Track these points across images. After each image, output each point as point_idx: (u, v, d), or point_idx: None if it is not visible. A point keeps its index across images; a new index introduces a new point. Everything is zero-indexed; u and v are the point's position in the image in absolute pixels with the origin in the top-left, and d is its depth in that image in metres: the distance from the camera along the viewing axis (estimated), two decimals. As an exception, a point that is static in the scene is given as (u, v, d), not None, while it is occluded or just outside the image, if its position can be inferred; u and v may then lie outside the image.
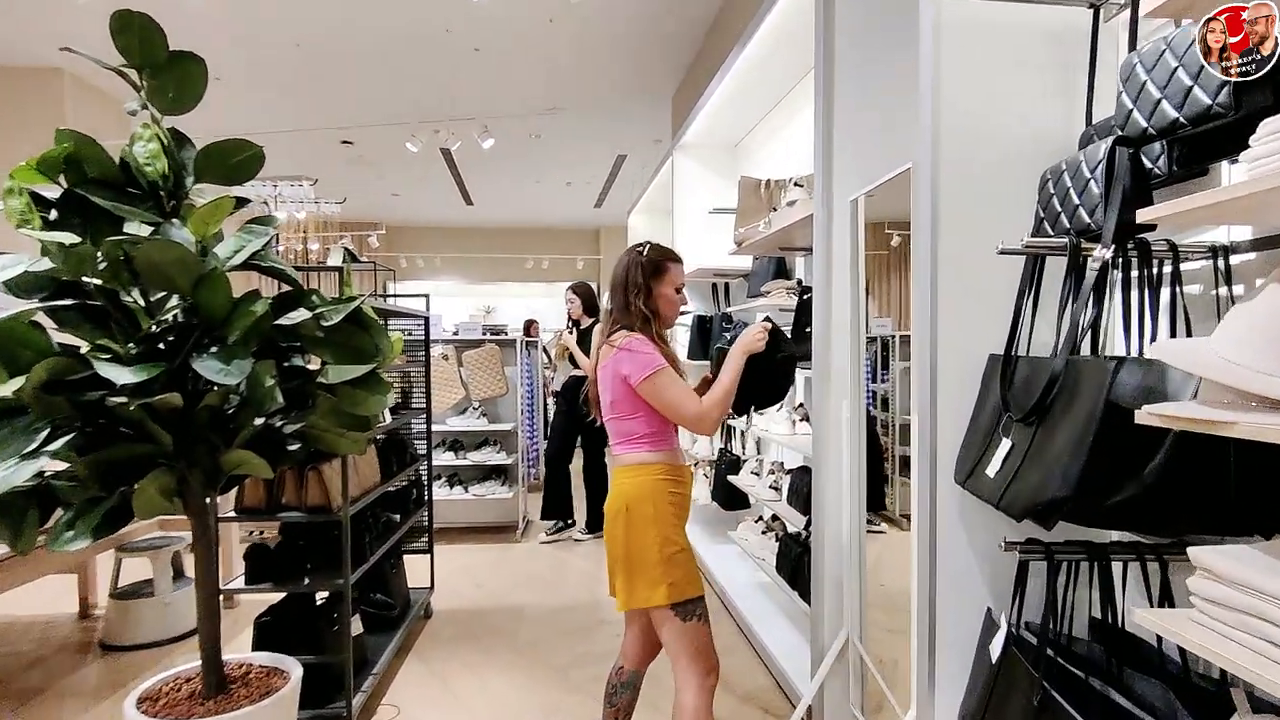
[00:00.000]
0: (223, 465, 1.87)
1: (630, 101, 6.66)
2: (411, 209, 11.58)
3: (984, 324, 1.64)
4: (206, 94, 1.96)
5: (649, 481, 1.87)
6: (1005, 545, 1.38)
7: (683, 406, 1.84)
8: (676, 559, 1.85)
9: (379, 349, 2.04)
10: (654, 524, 1.84)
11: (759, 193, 3.29)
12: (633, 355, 1.84)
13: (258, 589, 2.34)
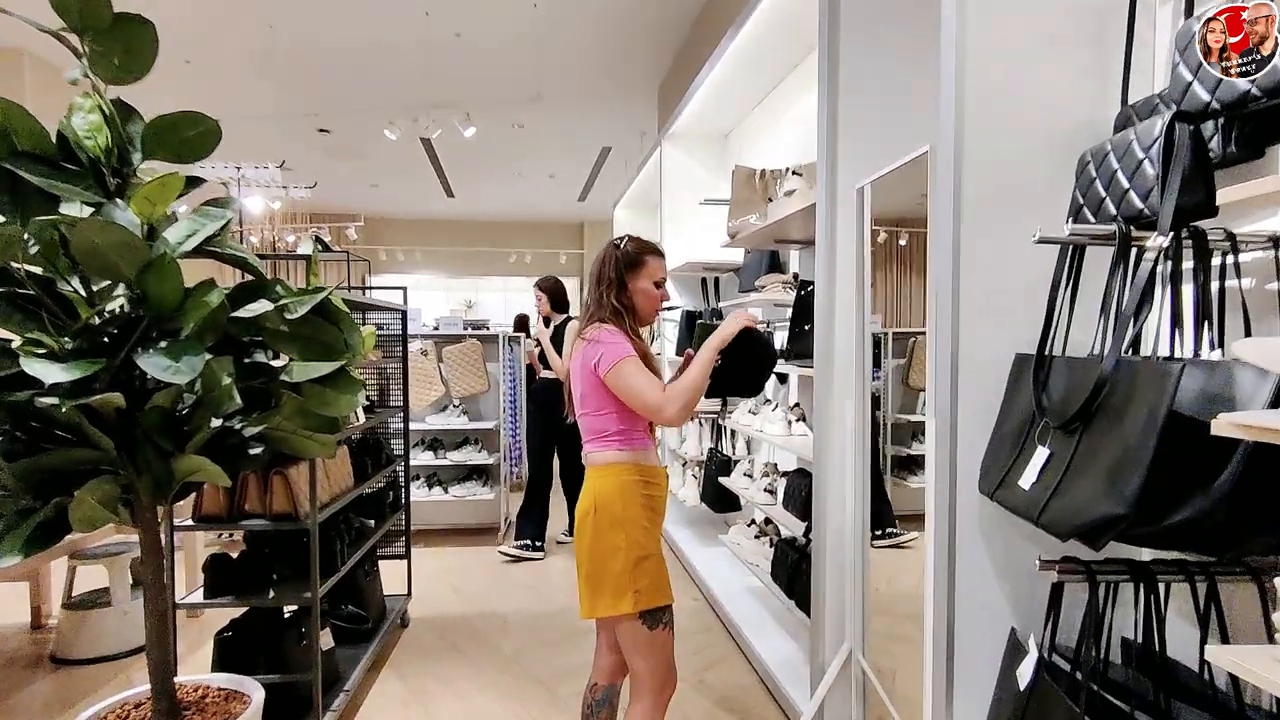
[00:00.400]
0: (175, 472, 1.70)
1: (615, 92, 6.50)
2: (391, 201, 11.34)
3: (1009, 320, 1.51)
4: (176, 78, 1.78)
5: (619, 482, 1.77)
6: (1040, 564, 1.25)
7: (643, 394, 1.73)
8: (645, 565, 1.75)
9: (349, 344, 1.88)
10: (623, 527, 1.75)
11: (754, 183, 3.15)
12: (600, 346, 1.76)
13: (218, 603, 2.17)
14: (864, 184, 2.09)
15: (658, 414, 1.74)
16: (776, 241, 3.22)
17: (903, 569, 3.75)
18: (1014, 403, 1.43)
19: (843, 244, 2.19)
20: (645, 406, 1.74)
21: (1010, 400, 1.44)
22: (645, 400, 1.73)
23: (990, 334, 1.51)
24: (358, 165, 9.08)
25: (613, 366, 1.73)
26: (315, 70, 5.94)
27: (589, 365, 1.77)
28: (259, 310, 1.71)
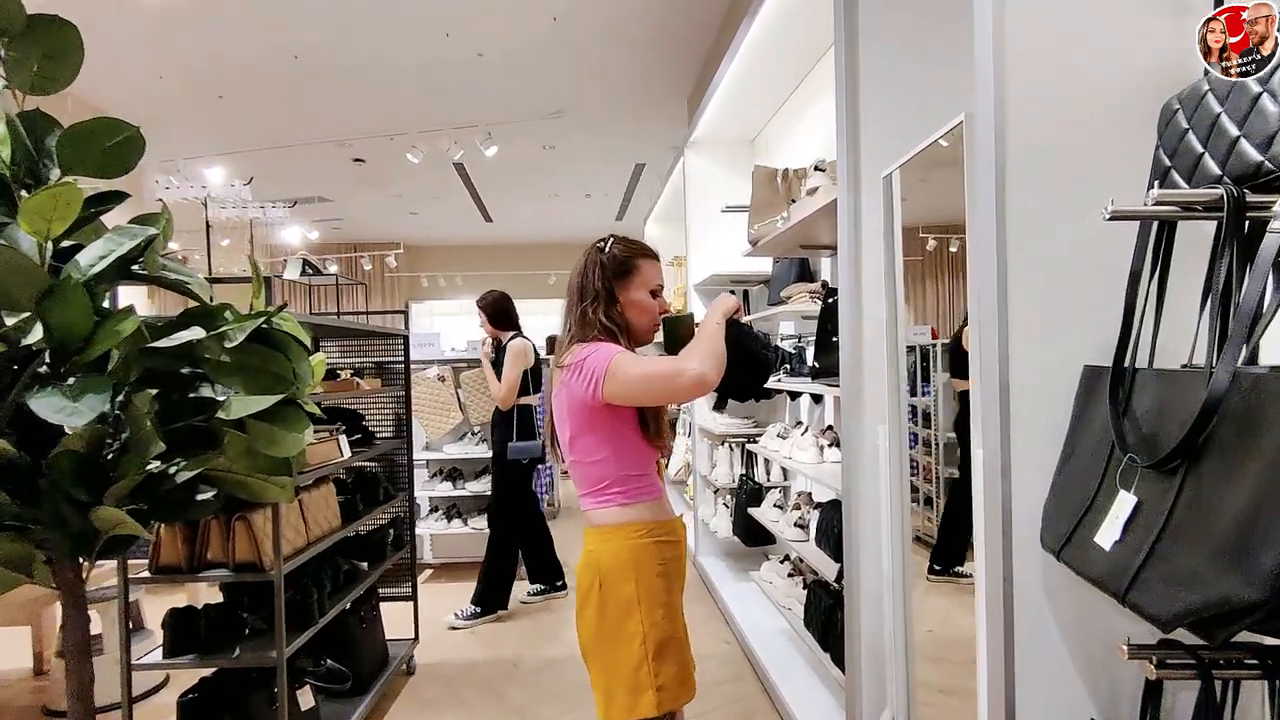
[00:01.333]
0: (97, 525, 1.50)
1: (644, 107, 6.30)
2: (430, 227, 11.38)
3: (1074, 324, 1.19)
4: (210, 113, 1.61)
5: (628, 546, 1.45)
6: (1129, 651, 0.92)
7: (656, 370, 1.39)
8: (668, 653, 1.42)
9: (297, 374, 1.66)
10: (637, 607, 1.42)
11: (775, 184, 2.86)
12: (583, 363, 1.43)
13: (178, 664, 1.96)
14: (891, 170, 1.79)
15: (681, 377, 1.37)
16: (803, 247, 2.92)
17: (960, 604, 3.35)
18: (1084, 431, 1.10)
19: (869, 241, 1.88)
20: (666, 381, 1.38)
21: (1080, 428, 1.12)
22: (662, 373, 1.38)
23: (1049, 342, 1.19)
24: (394, 193, 9.11)
25: (606, 375, 1.39)
26: (341, 98, 5.92)
27: (575, 397, 1.45)
28: (184, 338, 1.51)
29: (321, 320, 2.46)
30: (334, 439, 2.38)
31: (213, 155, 5.84)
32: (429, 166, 7.68)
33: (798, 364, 3.11)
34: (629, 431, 1.49)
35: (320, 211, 9.48)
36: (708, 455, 4.20)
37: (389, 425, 3.22)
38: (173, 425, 1.67)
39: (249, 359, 1.65)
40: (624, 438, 1.48)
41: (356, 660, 2.68)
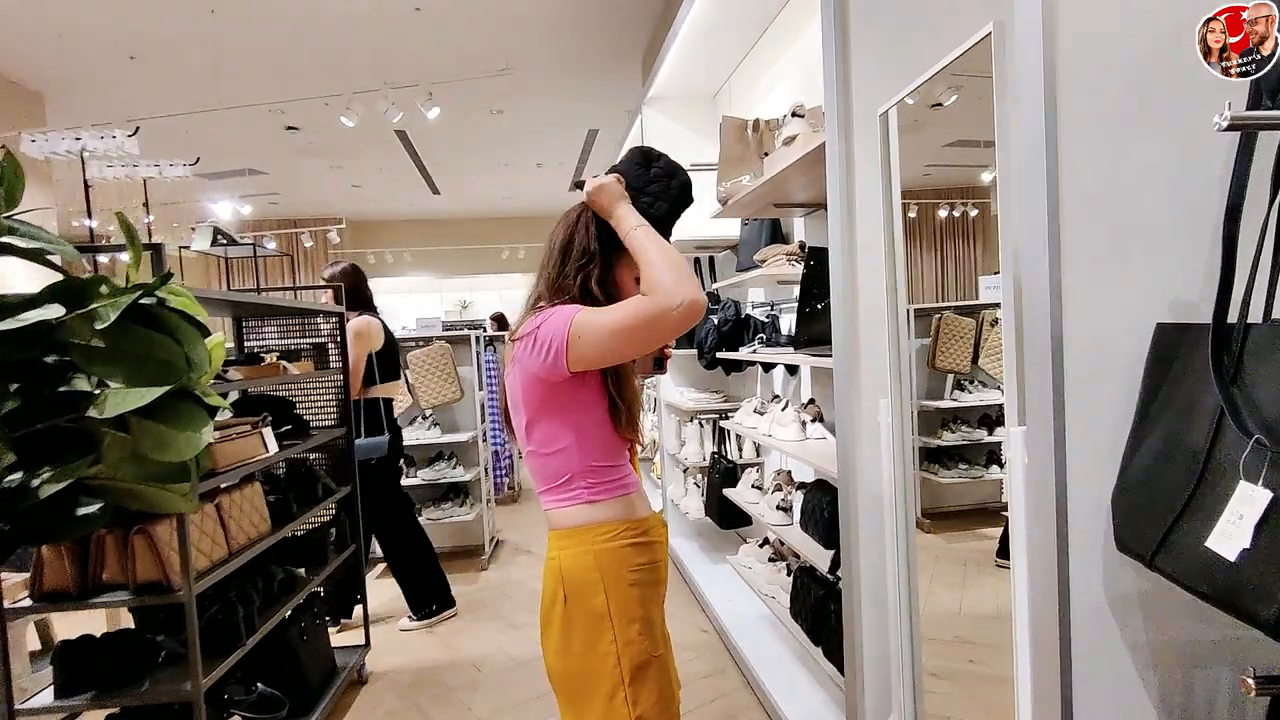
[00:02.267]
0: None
1: (596, 68, 5.96)
2: (375, 201, 10.85)
3: (1139, 273, 0.98)
4: (125, 76, 1.26)
5: (596, 552, 1.22)
6: (1255, 687, 0.72)
7: (634, 314, 1.13)
8: (648, 676, 1.20)
9: (191, 361, 1.36)
10: (609, 623, 1.19)
11: (746, 137, 2.61)
12: (536, 335, 1.18)
13: (73, 705, 1.67)
14: (888, 107, 1.55)
15: (670, 313, 1.10)
16: (777, 206, 2.68)
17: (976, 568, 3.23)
18: (1163, 405, 0.89)
19: (863, 192, 1.65)
20: (653, 324, 1.12)
21: (1154, 401, 0.91)
22: (644, 315, 1.12)
23: (1110, 296, 0.98)
24: (334, 165, 8.59)
25: (570, 339, 1.14)
26: (266, 57, 5.44)
27: (532, 372, 1.20)
28: (34, 319, 1.20)
29: (237, 297, 2.14)
30: (257, 433, 2.08)
31: (127, 122, 5.31)
32: (370, 136, 7.21)
33: (772, 333, 2.90)
34: (595, 416, 1.25)
35: (253, 185, 8.89)
36: (675, 432, 3.99)
37: (331, 413, 2.92)
38: (33, 427, 1.36)
39: (128, 344, 1.34)
40: (589, 423, 1.24)
41: (299, 676, 2.40)
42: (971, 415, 3.38)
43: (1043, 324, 0.99)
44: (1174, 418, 0.86)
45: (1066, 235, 0.97)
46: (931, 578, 3.23)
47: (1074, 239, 0.97)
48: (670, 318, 1.10)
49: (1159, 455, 0.87)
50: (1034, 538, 1.05)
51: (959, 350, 3.36)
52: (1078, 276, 0.98)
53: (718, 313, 3.25)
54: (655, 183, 1.29)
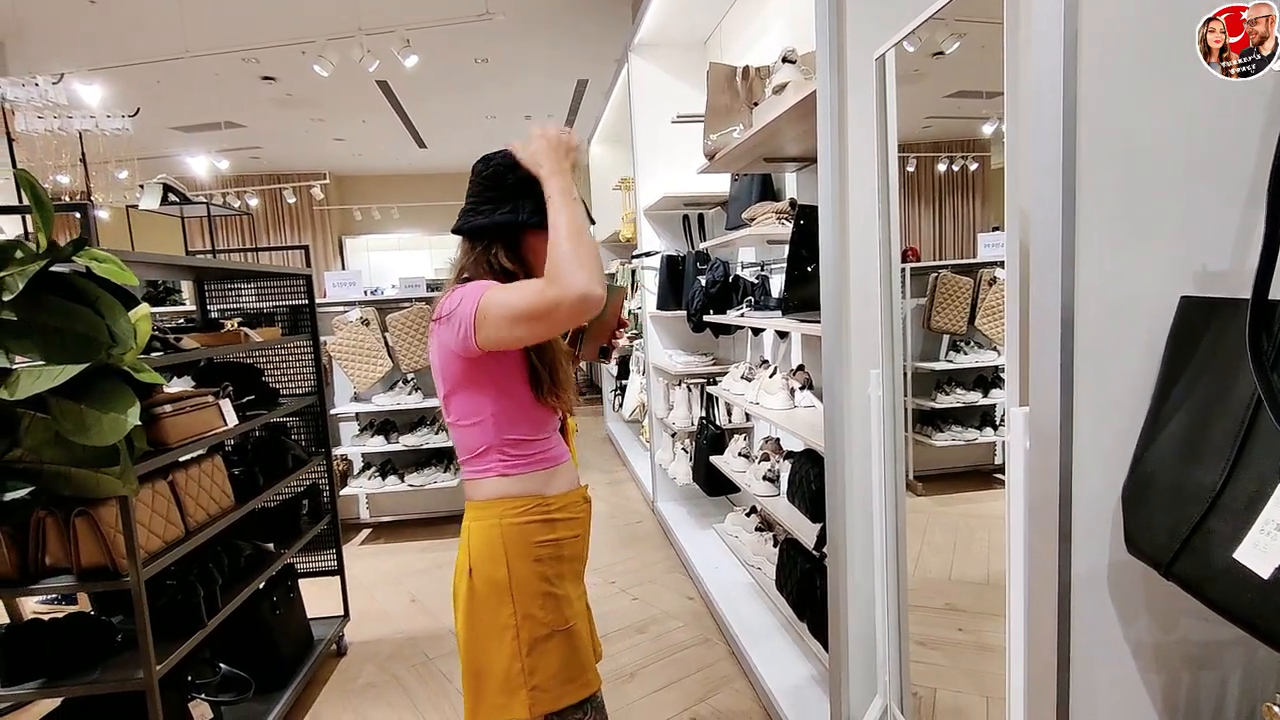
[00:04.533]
0: None
1: (583, 13, 5.68)
2: (359, 155, 10.55)
3: (1162, 240, 0.86)
4: (82, 21, 1.10)
5: (502, 526, 1.23)
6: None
7: (526, 302, 1.09)
8: (547, 649, 1.22)
9: (114, 335, 1.24)
10: (509, 597, 1.22)
11: (734, 85, 2.45)
12: (451, 313, 1.16)
13: (18, 693, 1.59)
14: (885, 49, 1.40)
15: (559, 308, 1.07)
16: (767, 161, 2.53)
17: (968, 532, 3.16)
18: (1185, 389, 0.79)
19: (857, 143, 1.52)
20: (542, 317, 1.09)
21: (1175, 384, 0.80)
22: (534, 306, 1.08)
23: (1129, 265, 0.86)
24: (315, 117, 8.30)
25: (477, 318, 1.12)
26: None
27: (448, 347, 1.18)
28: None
29: (188, 262, 2.00)
30: (214, 404, 1.97)
31: (88, 71, 5.06)
32: (350, 86, 6.94)
33: (761, 296, 2.78)
34: (515, 389, 1.23)
35: (231, 139, 8.60)
36: (664, 396, 3.89)
37: (305, 379, 2.80)
38: (-60, 410, 1.25)
39: (42, 316, 1.23)
40: (508, 396, 1.22)
41: (272, 652, 2.34)
42: (966, 378, 3.29)
43: (1051, 293, 0.87)
44: (1199, 406, 0.75)
45: (1082, 194, 0.85)
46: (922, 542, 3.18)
47: (1090, 198, 0.85)
48: (562, 310, 1.07)
49: (1180, 448, 0.76)
50: (1034, 529, 0.95)
51: (955, 310, 3.25)
52: (1092, 240, 0.86)
53: (706, 273, 3.12)
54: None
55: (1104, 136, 0.84)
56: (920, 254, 5.39)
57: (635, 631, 2.82)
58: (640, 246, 4.05)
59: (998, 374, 3.19)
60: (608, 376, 6.28)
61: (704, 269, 3.16)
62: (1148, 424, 0.83)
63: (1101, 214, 0.85)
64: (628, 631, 2.82)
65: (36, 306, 1.22)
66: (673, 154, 3.74)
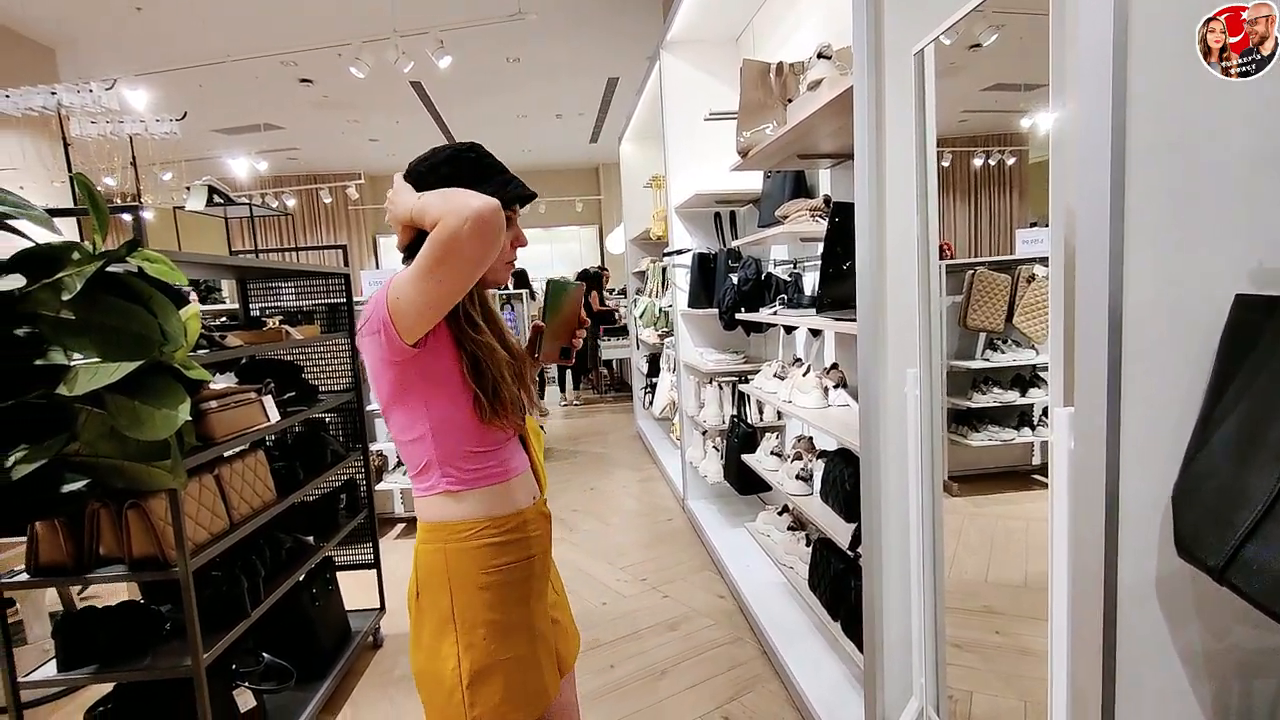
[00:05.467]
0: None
1: (615, 10, 5.69)
2: (393, 155, 10.69)
3: (1217, 235, 0.84)
4: (132, 29, 1.16)
5: (448, 552, 1.16)
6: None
7: (425, 250, 1.03)
8: (491, 679, 1.16)
9: (165, 334, 1.28)
10: (452, 626, 1.15)
11: (768, 81, 2.43)
12: (369, 318, 1.11)
13: (74, 678, 1.65)
14: (924, 44, 1.39)
15: (449, 230, 1.00)
16: (801, 158, 2.51)
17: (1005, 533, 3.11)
18: (1239, 390, 0.77)
19: (895, 139, 1.50)
20: (438, 249, 1.01)
21: (1228, 384, 0.78)
22: (432, 249, 1.02)
23: (1180, 261, 0.84)
24: (351, 119, 8.44)
25: (390, 306, 1.06)
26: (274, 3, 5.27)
27: (375, 354, 1.13)
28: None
29: (232, 261, 2.06)
30: (257, 400, 2.02)
31: (134, 77, 5.22)
32: (385, 87, 7.04)
33: (794, 293, 2.76)
34: (453, 400, 1.15)
35: (270, 140, 8.79)
36: (695, 394, 3.89)
37: (343, 375, 2.86)
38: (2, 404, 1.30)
39: (98, 315, 1.27)
40: (446, 408, 1.15)
41: (311, 642, 2.39)
42: (1004, 376, 3.22)
43: (1099, 291, 0.86)
44: (1255, 406, 0.73)
45: (1132, 188, 0.83)
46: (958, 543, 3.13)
47: (1141, 192, 0.83)
48: (463, 236, 0.99)
49: (1234, 450, 0.74)
50: (1079, 532, 0.93)
51: (992, 308, 3.19)
52: (1142, 237, 0.84)
53: (738, 271, 3.11)
54: (444, 165, 1.17)
55: (1156, 129, 0.82)
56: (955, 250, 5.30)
57: (666, 629, 2.83)
58: (671, 244, 4.05)
59: (1036, 373, 3.13)
60: (638, 374, 6.29)
61: (736, 266, 3.15)
62: (1199, 425, 0.81)
63: (1152, 210, 0.83)
64: (659, 629, 2.83)
65: (93, 306, 1.26)
66: (704, 151, 3.74)
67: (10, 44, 5.26)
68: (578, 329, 1.33)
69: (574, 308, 1.33)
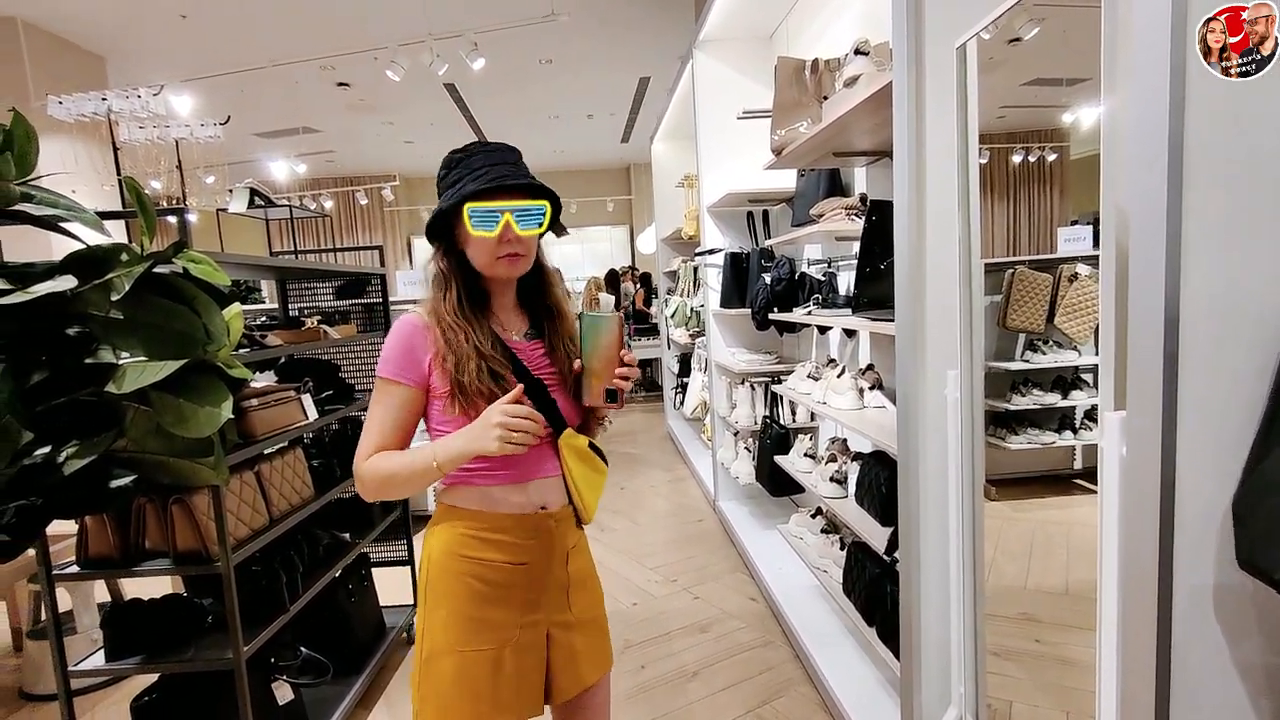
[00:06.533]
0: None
1: (647, 10, 5.68)
2: (427, 157, 10.82)
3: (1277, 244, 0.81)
4: (171, 36, 1.21)
5: (436, 534, 1.23)
6: None
7: (362, 436, 1.20)
8: (435, 667, 1.17)
9: (209, 333, 1.31)
10: (425, 601, 1.21)
11: (803, 79, 2.40)
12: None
13: (121, 668, 1.70)
14: (967, 38, 1.35)
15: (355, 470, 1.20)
16: (836, 155, 2.48)
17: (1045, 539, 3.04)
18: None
19: (935, 136, 1.47)
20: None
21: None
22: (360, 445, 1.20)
23: (1245, 260, 0.81)
24: (386, 121, 8.57)
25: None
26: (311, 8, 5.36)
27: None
28: (45, 291, 1.16)
29: (273, 262, 2.10)
30: (296, 399, 2.06)
31: (179, 82, 5.36)
32: (420, 89, 7.13)
33: (829, 293, 2.72)
34: (443, 405, 1.18)
35: (308, 143, 8.96)
36: (726, 394, 3.86)
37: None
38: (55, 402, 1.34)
39: (145, 314, 1.30)
40: (437, 414, 1.20)
41: (348, 636, 2.43)
42: (1044, 378, 3.14)
43: (1154, 292, 0.83)
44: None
45: (1190, 183, 0.80)
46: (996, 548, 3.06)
47: (1199, 194, 0.80)
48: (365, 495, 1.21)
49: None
50: (1131, 541, 0.90)
51: (1033, 308, 3.11)
52: (1200, 238, 0.81)
53: (771, 270, 3.08)
54: (440, 171, 1.24)
55: (1216, 123, 0.79)
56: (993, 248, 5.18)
57: (698, 630, 2.82)
58: (703, 244, 4.03)
59: (1078, 375, 3.05)
60: (668, 374, 6.27)
61: (769, 266, 3.12)
62: (1262, 432, 0.78)
63: (1212, 211, 0.80)
64: (689, 630, 2.82)
65: (140, 306, 1.29)
66: (737, 150, 3.71)
67: (63, 53, 5.44)
68: (620, 366, 1.17)
69: (612, 343, 1.16)
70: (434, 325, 1.17)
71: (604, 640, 1.33)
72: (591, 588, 1.33)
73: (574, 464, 1.23)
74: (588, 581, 1.32)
